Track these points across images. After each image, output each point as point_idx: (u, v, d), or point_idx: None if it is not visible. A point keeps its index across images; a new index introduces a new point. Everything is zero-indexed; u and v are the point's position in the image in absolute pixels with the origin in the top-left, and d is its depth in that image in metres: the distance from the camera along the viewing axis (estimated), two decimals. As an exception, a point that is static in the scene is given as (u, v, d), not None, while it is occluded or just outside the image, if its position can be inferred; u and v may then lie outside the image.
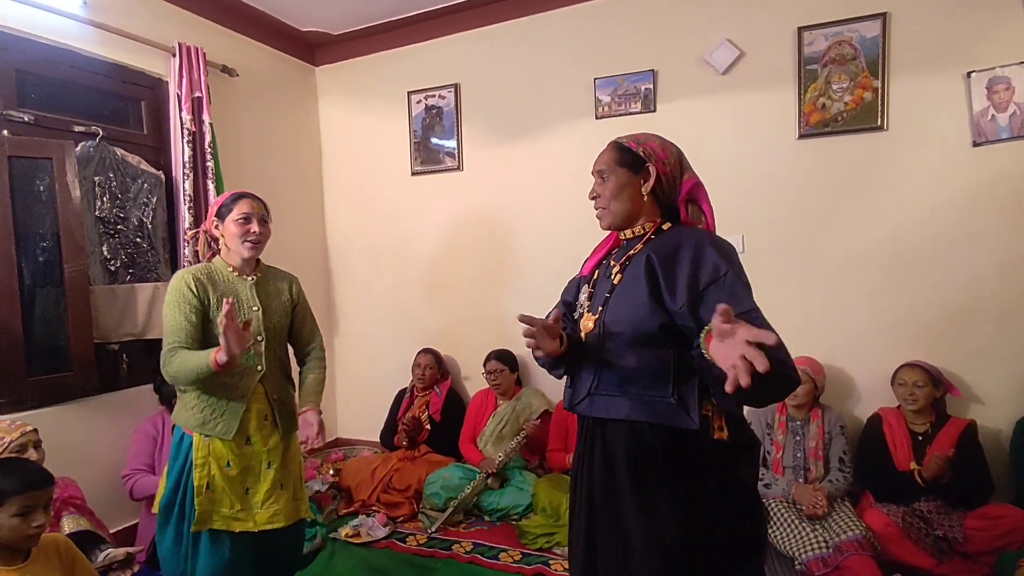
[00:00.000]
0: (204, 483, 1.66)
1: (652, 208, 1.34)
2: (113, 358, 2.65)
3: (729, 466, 1.22)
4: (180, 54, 2.77)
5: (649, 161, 1.31)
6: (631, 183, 1.33)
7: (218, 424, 1.68)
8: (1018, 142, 2.42)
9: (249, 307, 1.78)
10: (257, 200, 1.81)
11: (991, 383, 2.52)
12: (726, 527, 1.20)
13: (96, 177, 2.55)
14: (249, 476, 1.73)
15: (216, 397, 1.69)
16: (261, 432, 1.75)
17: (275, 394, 1.79)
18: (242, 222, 1.75)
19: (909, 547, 2.19)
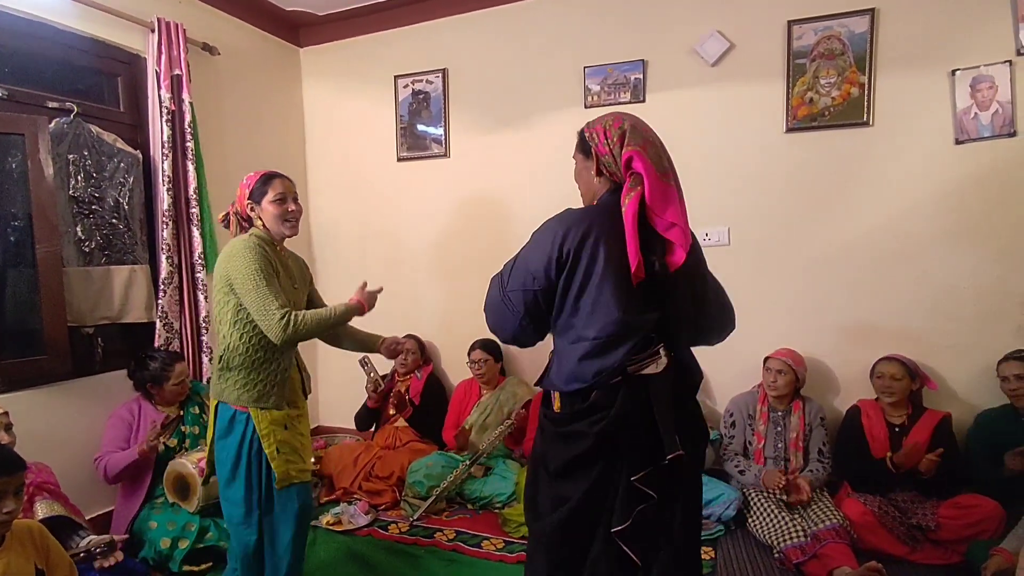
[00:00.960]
0: (274, 449, 1.78)
1: (603, 186, 1.43)
2: (88, 342, 2.58)
3: (546, 436, 1.44)
4: (159, 30, 2.68)
5: (592, 144, 1.41)
6: (586, 167, 1.46)
7: (271, 397, 1.80)
8: (999, 140, 2.47)
9: (292, 282, 1.89)
10: (289, 179, 1.90)
11: (966, 377, 2.58)
12: (529, 484, 1.48)
13: (70, 155, 2.47)
14: (303, 436, 1.90)
15: (269, 373, 1.80)
16: (298, 397, 1.92)
17: (302, 363, 1.97)
18: (279, 202, 1.82)
19: (884, 535, 2.24)
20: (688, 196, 3.16)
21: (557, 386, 1.39)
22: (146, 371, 2.47)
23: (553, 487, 1.40)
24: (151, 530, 2.23)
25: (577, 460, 1.35)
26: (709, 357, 3.01)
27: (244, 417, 1.78)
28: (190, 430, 2.53)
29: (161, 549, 2.19)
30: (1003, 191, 2.48)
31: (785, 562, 2.20)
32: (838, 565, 2.06)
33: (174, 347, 2.72)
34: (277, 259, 1.82)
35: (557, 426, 1.39)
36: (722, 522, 2.50)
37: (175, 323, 2.73)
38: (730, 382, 2.91)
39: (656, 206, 1.29)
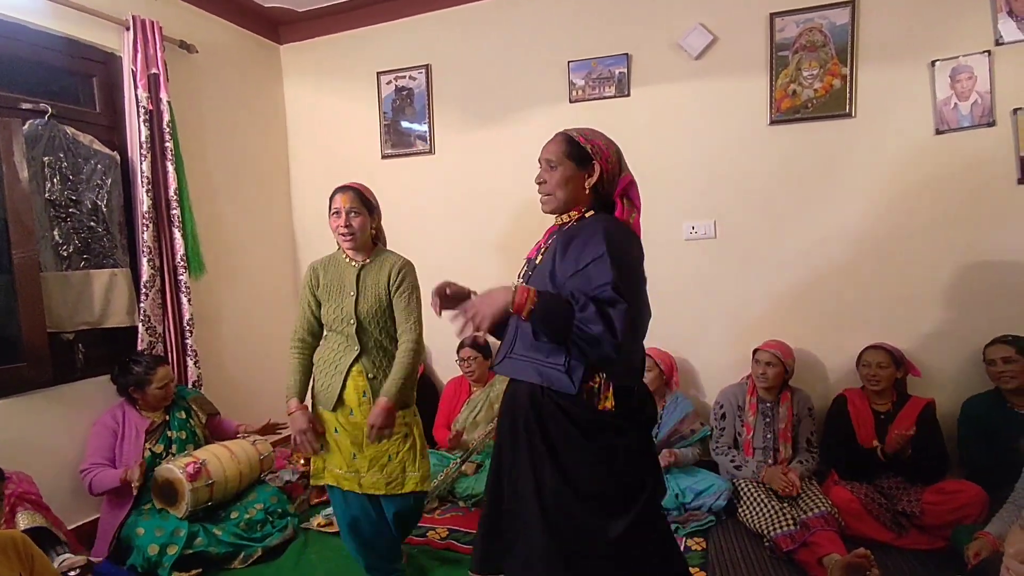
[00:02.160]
0: (319, 445, 1.97)
1: (588, 199, 1.47)
2: (68, 348, 2.53)
3: (606, 433, 1.38)
4: (134, 28, 2.62)
5: (595, 158, 1.43)
6: (576, 176, 1.45)
7: (323, 396, 1.97)
8: (978, 130, 2.50)
9: (348, 292, 1.95)
10: (351, 192, 1.96)
11: (948, 364, 2.62)
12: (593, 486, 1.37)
13: (45, 157, 2.41)
14: (354, 444, 1.94)
15: (324, 373, 1.97)
16: (361, 407, 1.94)
17: (371, 373, 1.95)
18: (335, 217, 1.94)
19: (871, 522, 2.27)
20: (674, 190, 3.19)
21: (618, 381, 1.36)
22: (129, 375, 2.43)
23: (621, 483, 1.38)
24: (138, 537, 2.20)
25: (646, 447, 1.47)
26: (699, 349, 3.06)
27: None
28: (176, 435, 2.49)
29: (149, 556, 2.15)
30: (983, 180, 2.52)
31: (775, 550, 2.23)
32: (827, 552, 2.09)
33: (158, 351, 2.67)
34: (331, 275, 1.99)
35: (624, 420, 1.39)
36: (713, 512, 2.52)
37: (158, 327, 2.69)
38: (719, 374, 2.93)
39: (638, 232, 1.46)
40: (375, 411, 1.86)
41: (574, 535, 1.36)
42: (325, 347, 2.01)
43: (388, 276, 1.98)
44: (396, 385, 1.89)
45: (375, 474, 1.93)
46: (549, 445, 1.39)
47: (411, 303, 2.00)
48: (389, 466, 1.93)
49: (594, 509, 1.37)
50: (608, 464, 1.38)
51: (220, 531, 2.31)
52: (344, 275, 1.99)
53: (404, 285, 1.99)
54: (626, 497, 1.39)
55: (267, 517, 2.47)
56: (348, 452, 1.95)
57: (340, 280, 1.98)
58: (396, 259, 2.04)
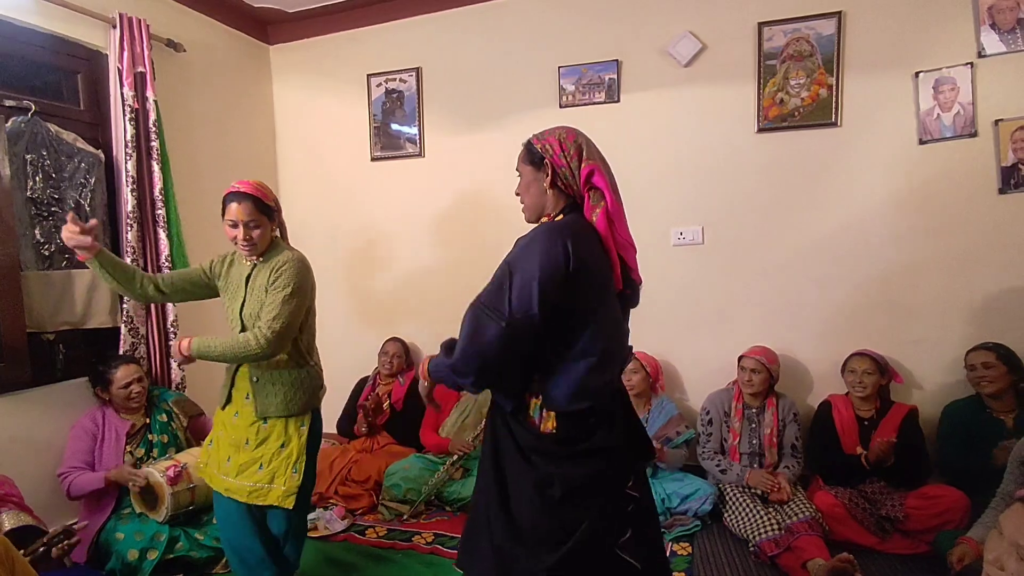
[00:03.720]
0: (209, 439, 1.98)
1: (557, 200, 1.39)
2: (48, 348, 2.49)
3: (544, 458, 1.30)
4: (121, 25, 2.59)
5: (545, 156, 1.37)
6: (536, 179, 1.41)
7: (220, 392, 1.94)
8: (961, 140, 2.54)
9: (236, 294, 1.89)
10: (248, 201, 1.79)
11: (930, 370, 2.66)
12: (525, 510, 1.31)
13: (28, 155, 2.38)
14: (232, 446, 1.88)
15: (224, 370, 1.94)
16: (243, 409, 1.88)
17: (255, 375, 1.87)
18: (230, 226, 1.82)
19: (855, 526, 2.29)
20: (662, 196, 3.19)
21: (558, 406, 1.29)
22: (94, 375, 2.41)
23: (558, 513, 1.29)
24: (118, 541, 2.16)
25: (591, 479, 1.30)
26: (686, 354, 3.07)
27: None
28: (158, 438, 2.45)
29: (129, 561, 2.11)
30: (964, 190, 2.56)
31: (760, 555, 2.23)
32: (811, 557, 2.10)
33: (139, 353, 2.64)
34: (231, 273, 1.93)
35: (560, 447, 1.30)
36: (699, 517, 2.53)
37: (141, 328, 2.65)
38: (705, 380, 2.94)
39: (616, 223, 1.33)
40: (177, 345, 1.83)
41: (511, 557, 1.31)
42: None
43: (268, 276, 1.82)
44: (207, 344, 1.77)
45: (241, 479, 1.84)
46: (497, 461, 1.36)
47: (277, 300, 1.77)
48: (257, 475, 1.83)
49: (525, 534, 1.30)
50: (540, 492, 1.29)
51: (201, 535, 2.27)
52: (239, 276, 1.90)
53: (279, 281, 1.79)
54: (561, 530, 1.29)
55: (250, 521, 2.43)
56: (224, 454, 1.88)
57: (236, 281, 1.90)
58: (281, 257, 1.85)
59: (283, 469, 1.84)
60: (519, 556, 1.29)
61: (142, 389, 2.44)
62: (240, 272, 1.90)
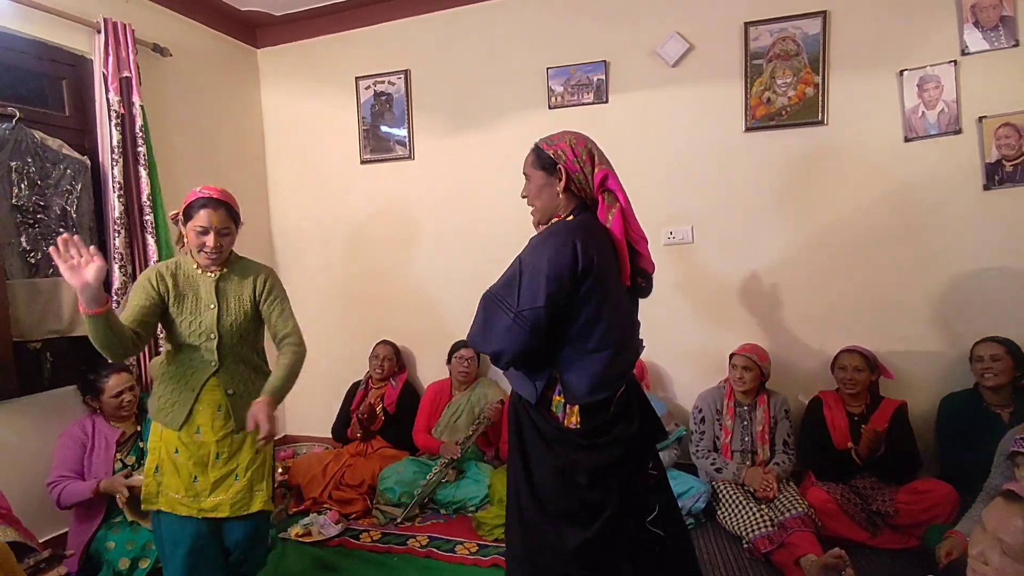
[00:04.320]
0: (154, 466, 1.78)
1: (567, 203, 1.47)
2: (35, 357, 2.46)
3: (568, 448, 1.40)
4: (105, 30, 2.57)
5: (559, 162, 1.44)
6: (548, 183, 1.47)
7: (169, 414, 1.76)
8: (945, 138, 2.57)
9: (206, 304, 1.78)
10: (223, 208, 1.76)
11: (918, 366, 2.68)
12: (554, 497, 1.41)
13: (12, 162, 2.35)
14: (197, 465, 1.77)
15: (171, 389, 1.77)
16: (213, 424, 1.78)
17: (231, 388, 1.80)
18: (199, 233, 1.74)
19: (846, 522, 2.31)
20: (652, 196, 3.22)
21: (580, 399, 1.37)
22: (84, 384, 2.39)
23: (579, 498, 1.39)
24: (109, 551, 2.14)
25: (613, 466, 1.39)
26: (676, 353, 3.08)
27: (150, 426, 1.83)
28: (148, 446, 2.43)
29: (120, 570, 2.10)
30: (949, 187, 2.58)
31: (754, 552, 2.25)
32: (804, 553, 2.12)
33: (129, 360, 2.61)
34: (181, 286, 1.77)
35: (582, 439, 1.39)
36: (692, 515, 2.54)
37: (130, 335, 2.63)
38: (696, 378, 2.96)
39: (630, 220, 1.44)
40: (262, 410, 1.65)
41: (539, 542, 1.41)
42: (173, 363, 1.79)
43: (254, 287, 1.84)
44: (280, 384, 1.76)
45: (218, 495, 1.77)
46: (523, 453, 1.45)
47: (285, 309, 1.87)
48: (235, 485, 1.78)
49: (553, 519, 1.40)
50: (563, 477, 1.39)
51: (194, 543, 2.25)
52: (199, 287, 1.79)
53: (274, 293, 1.86)
54: (588, 514, 1.39)
55: (243, 528, 2.42)
56: (188, 475, 1.76)
57: (195, 292, 1.78)
58: (258, 268, 1.89)
59: (259, 475, 1.83)
60: (545, 532, 1.40)
61: (133, 398, 2.42)
62: (201, 284, 1.79)
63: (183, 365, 1.78)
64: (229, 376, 1.80)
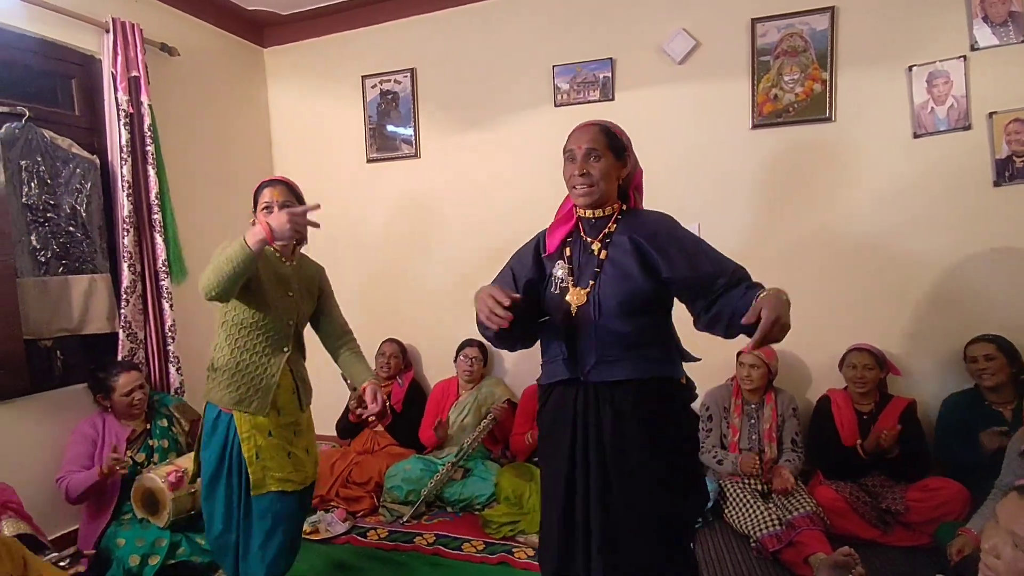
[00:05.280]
0: (253, 453, 1.80)
1: (615, 191, 1.49)
2: (46, 355, 2.48)
3: (688, 406, 1.50)
4: (114, 30, 2.59)
5: (629, 151, 1.46)
6: (614, 168, 1.45)
7: (253, 402, 1.80)
8: (955, 134, 2.55)
9: (285, 292, 1.86)
10: (282, 185, 1.86)
11: (926, 363, 2.66)
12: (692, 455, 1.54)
13: (22, 161, 2.37)
14: (287, 445, 1.86)
15: (248, 376, 1.80)
16: (290, 405, 1.88)
17: (299, 372, 1.93)
18: (264, 212, 1.81)
19: (856, 520, 2.30)
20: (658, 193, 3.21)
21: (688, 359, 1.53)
22: (95, 382, 2.40)
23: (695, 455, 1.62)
24: (119, 547, 2.15)
25: None
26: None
27: (227, 419, 1.81)
28: (158, 443, 2.45)
29: (130, 567, 2.11)
30: (959, 183, 2.56)
31: (762, 551, 2.24)
32: (813, 551, 2.11)
33: (139, 358, 2.63)
34: (271, 270, 1.83)
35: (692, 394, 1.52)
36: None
37: (139, 333, 2.65)
38: (703, 376, 2.92)
39: None
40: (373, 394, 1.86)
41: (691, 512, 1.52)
42: (238, 347, 1.79)
43: (318, 281, 2.00)
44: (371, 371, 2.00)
45: (306, 468, 1.91)
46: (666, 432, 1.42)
47: (338, 306, 2.09)
48: (307, 457, 1.93)
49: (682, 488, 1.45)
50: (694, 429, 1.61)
51: (203, 540, 2.26)
52: (280, 272, 1.86)
53: (329, 288, 2.05)
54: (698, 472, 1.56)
55: (251, 525, 2.43)
56: (285, 452, 1.84)
57: (277, 279, 1.84)
58: (315, 264, 2.05)
59: (313, 449, 1.98)
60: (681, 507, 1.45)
61: (143, 396, 2.43)
62: (281, 270, 1.87)
63: (255, 352, 1.82)
64: (296, 361, 1.92)
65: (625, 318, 1.38)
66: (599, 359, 1.39)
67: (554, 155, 3.39)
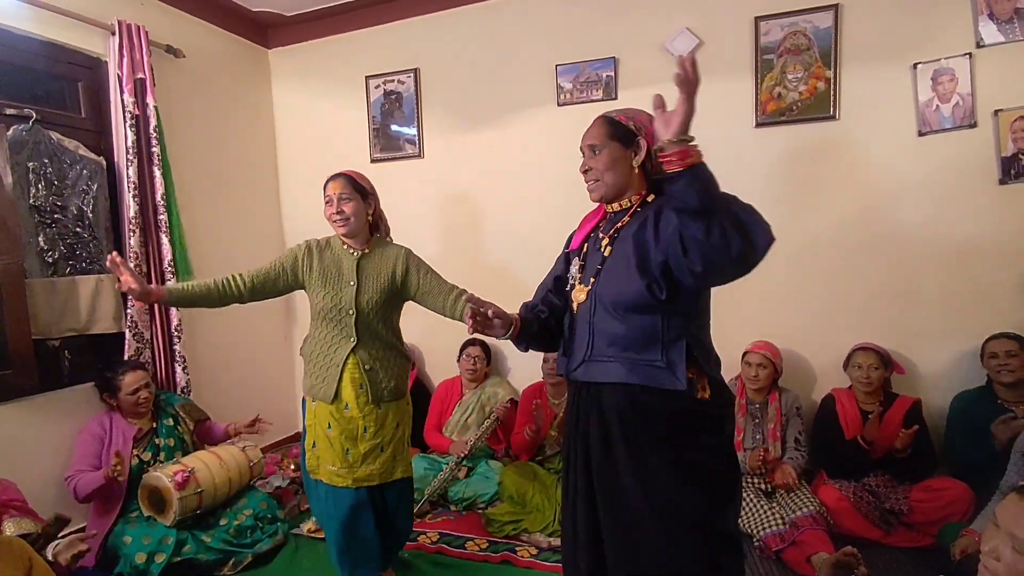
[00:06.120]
0: (311, 442, 1.97)
1: (640, 181, 1.39)
2: (54, 355, 2.51)
3: (716, 424, 1.33)
4: (120, 32, 2.61)
5: (639, 135, 1.36)
6: (623, 156, 1.38)
7: (320, 389, 1.92)
8: (960, 132, 2.53)
9: (346, 281, 1.92)
10: (341, 178, 1.95)
11: (932, 362, 2.65)
12: (712, 481, 1.31)
13: (30, 163, 2.40)
14: (348, 439, 1.92)
15: (319, 365, 1.93)
16: (357, 400, 1.91)
17: (367, 364, 1.92)
18: (328, 206, 1.93)
19: (859, 520, 2.29)
20: (660, 193, 3.12)
21: (710, 374, 1.33)
22: (102, 381, 2.43)
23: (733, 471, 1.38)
24: (126, 545, 2.18)
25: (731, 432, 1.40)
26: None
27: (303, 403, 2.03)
28: (164, 442, 2.47)
29: (137, 564, 2.13)
30: (965, 181, 2.54)
31: (764, 550, 2.24)
32: (816, 551, 2.11)
33: (145, 357, 2.66)
34: (326, 262, 1.95)
35: (719, 409, 1.34)
36: (703, 513, 2.53)
37: (145, 333, 2.67)
38: (708, 375, 2.94)
39: None
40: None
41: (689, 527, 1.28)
42: (318, 340, 1.97)
43: (394, 268, 1.97)
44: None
45: (369, 466, 1.93)
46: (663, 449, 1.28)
47: (436, 275, 2.00)
48: (382, 457, 1.95)
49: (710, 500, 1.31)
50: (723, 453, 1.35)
51: (209, 538, 2.29)
52: (342, 263, 1.95)
53: (420, 267, 1.99)
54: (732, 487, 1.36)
55: (257, 523, 2.46)
56: (341, 448, 1.92)
57: (338, 268, 1.95)
58: (397, 250, 2.02)
59: (402, 447, 1.99)
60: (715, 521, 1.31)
61: (149, 395, 2.46)
62: (344, 260, 1.95)
63: (325, 342, 1.93)
64: (366, 353, 1.92)
65: (619, 318, 1.31)
66: (587, 358, 1.37)
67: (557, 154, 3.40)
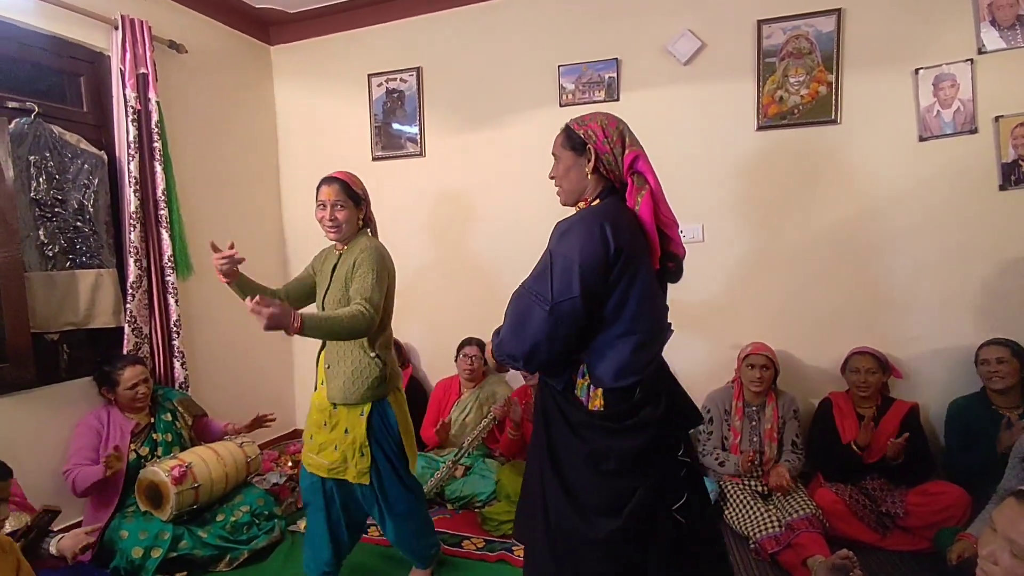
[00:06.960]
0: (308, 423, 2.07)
1: (596, 185, 1.44)
2: (52, 349, 2.51)
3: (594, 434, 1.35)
4: (123, 27, 2.61)
5: (589, 143, 1.42)
6: (576, 164, 1.44)
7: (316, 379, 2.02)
8: (960, 137, 2.54)
9: (323, 281, 1.98)
10: (336, 184, 1.92)
11: (929, 367, 2.66)
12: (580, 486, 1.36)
13: (31, 156, 2.39)
14: (315, 426, 2.00)
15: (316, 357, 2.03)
16: (321, 394, 1.97)
17: (327, 363, 1.95)
18: (320, 208, 1.92)
19: (855, 523, 2.29)
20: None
21: (606, 383, 1.34)
22: (100, 375, 2.43)
23: (609, 485, 1.34)
24: (122, 540, 2.17)
25: (642, 451, 1.33)
26: (684, 353, 3.06)
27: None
28: (162, 437, 2.47)
29: (133, 559, 2.13)
30: (965, 186, 2.55)
31: (760, 553, 2.24)
32: (811, 554, 2.11)
33: (144, 352, 2.66)
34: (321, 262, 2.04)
35: (608, 422, 1.33)
36: (700, 515, 2.53)
37: (144, 328, 2.67)
38: (703, 377, 2.94)
39: (660, 203, 1.42)
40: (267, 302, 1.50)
41: (565, 532, 1.35)
42: None
43: (352, 264, 1.87)
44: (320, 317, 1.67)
45: (322, 457, 1.97)
46: (549, 437, 1.42)
47: (364, 276, 1.82)
48: (333, 455, 1.96)
49: (582, 509, 1.34)
50: (593, 466, 1.34)
51: (205, 533, 2.29)
52: (327, 263, 2.02)
53: (361, 266, 1.84)
54: (618, 501, 1.33)
55: (253, 519, 2.46)
56: (309, 434, 2.03)
57: (324, 267, 2.02)
58: (364, 244, 1.91)
59: (352, 453, 1.93)
60: (576, 525, 1.34)
61: (147, 390, 2.46)
62: (329, 260, 2.00)
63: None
64: (329, 351, 1.95)
65: None
66: None
67: (558, 155, 3.33)
